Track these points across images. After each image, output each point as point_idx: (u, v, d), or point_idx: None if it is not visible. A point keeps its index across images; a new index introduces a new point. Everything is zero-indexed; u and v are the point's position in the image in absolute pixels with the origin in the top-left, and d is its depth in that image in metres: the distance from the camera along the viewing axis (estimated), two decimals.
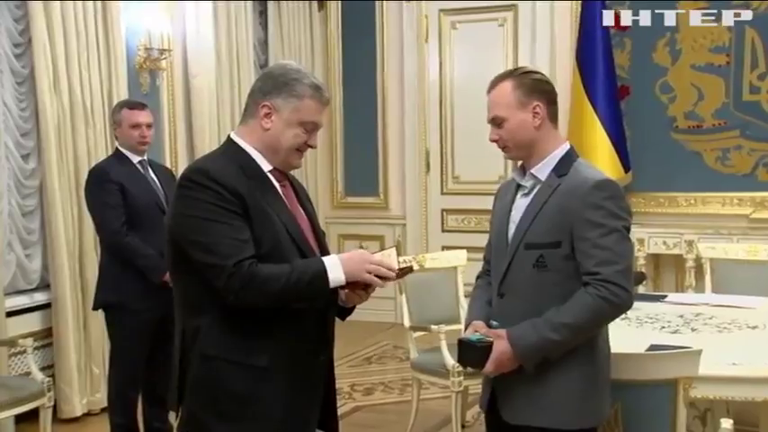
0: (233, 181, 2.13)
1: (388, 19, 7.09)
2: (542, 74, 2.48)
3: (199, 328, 2.17)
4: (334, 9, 7.28)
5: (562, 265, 2.30)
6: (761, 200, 6.04)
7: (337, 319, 2.39)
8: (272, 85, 2.23)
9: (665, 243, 5.97)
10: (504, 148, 2.45)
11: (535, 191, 2.40)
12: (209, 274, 2.10)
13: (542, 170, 2.40)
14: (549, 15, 6.55)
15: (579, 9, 6.18)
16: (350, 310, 2.37)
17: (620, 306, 2.25)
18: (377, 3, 7.10)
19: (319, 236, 2.37)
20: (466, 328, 2.52)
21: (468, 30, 6.89)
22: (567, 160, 2.39)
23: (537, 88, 2.38)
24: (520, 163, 2.49)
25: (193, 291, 2.17)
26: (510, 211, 2.46)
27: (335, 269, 2.13)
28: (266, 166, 2.25)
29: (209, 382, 2.16)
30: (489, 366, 2.33)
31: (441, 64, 6.99)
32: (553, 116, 2.41)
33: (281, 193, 2.26)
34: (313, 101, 2.25)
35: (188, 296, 2.21)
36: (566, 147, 2.42)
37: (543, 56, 6.55)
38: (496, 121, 2.42)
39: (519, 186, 2.47)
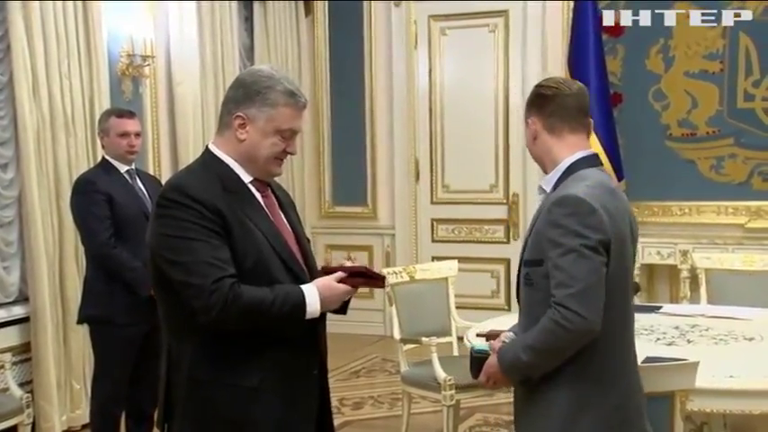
0: (212, 198, 2.08)
1: (376, 25, 7.02)
2: (547, 81, 2.38)
3: (185, 349, 2.12)
4: (322, 14, 7.20)
5: (544, 284, 2.19)
6: (756, 209, 5.99)
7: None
8: (244, 94, 2.17)
9: (659, 253, 5.91)
10: None
11: (541, 204, 2.33)
12: (188, 294, 2.05)
13: (548, 183, 2.33)
14: (540, 21, 6.50)
15: (571, 15, 6.13)
16: (348, 301, 2.33)
17: (572, 331, 2.10)
18: (365, 8, 7.03)
19: (304, 245, 2.32)
20: None
21: (458, 36, 6.82)
22: (569, 172, 2.28)
23: (532, 102, 2.34)
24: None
25: (178, 311, 2.12)
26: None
27: (314, 303, 2.14)
28: (246, 177, 2.20)
29: (199, 405, 2.12)
30: (481, 377, 2.36)
31: (430, 71, 6.92)
32: (553, 127, 2.30)
33: (262, 204, 2.22)
34: (288, 108, 2.18)
35: (174, 316, 2.16)
36: (574, 158, 2.29)
37: (534, 62, 6.50)
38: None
39: None
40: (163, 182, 4.56)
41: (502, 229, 6.82)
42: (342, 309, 2.31)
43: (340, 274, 2.22)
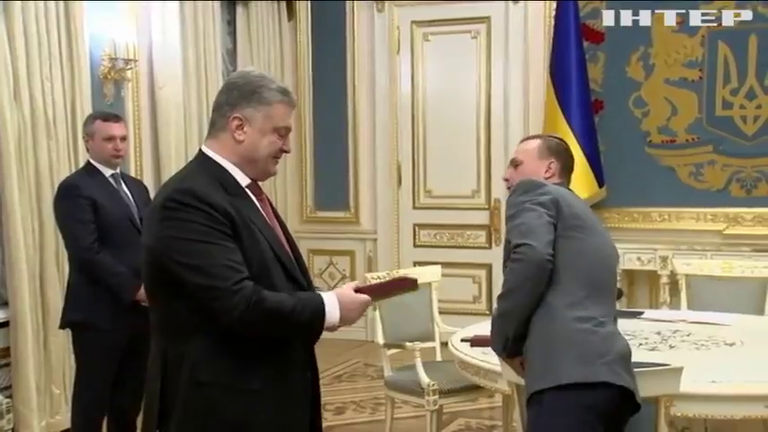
0: (221, 201, 2.08)
1: (359, 30, 7.02)
2: (566, 143, 2.93)
3: (187, 354, 2.10)
4: (304, 19, 7.19)
5: None
6: (734, 215, 6.06)
7: None
8: (239, 95, 2.18)
9: (639, 259, 5.96)
10: (509, 189, 2.79)
11: None
12: (208, 296, 2.04)
13: None
14: (522, 28, 6.54)
15: (553, 21, 6.17)
16: None
17: (525, 260, 2.45)
18: (348, 13, 7.03)
19: (296, 249, 2.33)
20: None
21: (441, 42, 6.84)
22: None
23: (557, 150, 2.82)
24: None
25: (182, 315, 2.10)
26: None
27: (333, 311, 2.15)
28: (244, 181, 2.20)
29: (202, 409, 2.11)
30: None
31: (413, 76, 6.93)
32: (562, 177, 2.79)
33: (259, 208, 2.22)
34: (282, 105, 2.22)
35: (173, 320, 2.13)
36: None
37: (517, 68, 6.53)
38: (514, 163, 2.85)
39: None
40: (148, 185, 4.54)
41: (483, 235, 6.84)
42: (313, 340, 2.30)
43: (357, 283, 2.27)
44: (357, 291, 2.24)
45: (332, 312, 2.13)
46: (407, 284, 2.35)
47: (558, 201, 2.55)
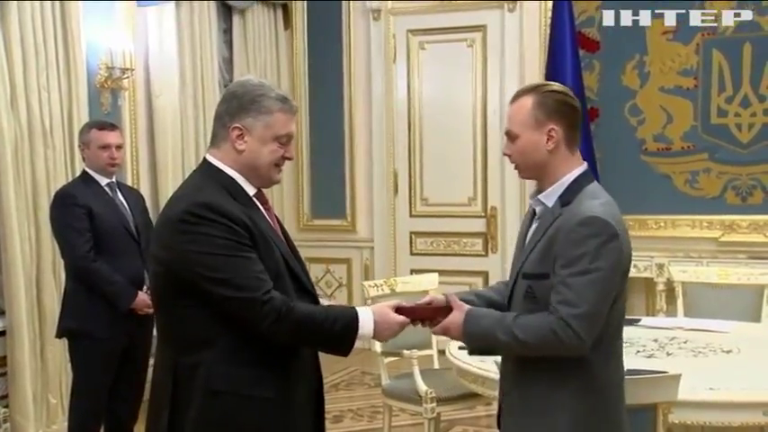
0: (238, 212, 2.09)
1: (355, 38, 7.04)
2: (569, 94, 2.31)
3: (200, 364, 2.11)
4: (301, 27, 7.21)
5: (548, 298, 2.16)
6: (729, 223, 6.07)
7: None
8: (239, 105, 2.18)
9: (635, 266, 5.89)
10: (515, 167, 2.34)
11: (541, 218, 2.30)
12: (236, 307, 2.06)
13: (550, 197, 2.27)
14: (518, 36, 6.55)
15: (548, 30, 6.20)
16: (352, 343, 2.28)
17: (565, 346, 2.10)
18: (344, 21, 7.05)
19: (299, 258, 2.33)
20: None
21: (437, 50, 6.85)
22: (575, 188, 2.24)
23: (558, 110, 2.23)
24: (536, 185, 2.36)
25: (195, 325, 2.11)
26: (525, 235, 2.38)
27: (367, 325, 2.16)
28: (251, 190, 2.21)
29: (217, 417, 2.12)
30: (437, 329, 2.27)
31: (409, 84, 6.94)
32: (571, 140, 2.26)
33: (267, 217, 2.23)
34: (282, 113, 2.21)
35: (186, 330, 2.14)
36: (576, 172, 2.27)
37: (512, 77, 6.54)
38: (510, 136, 2.30)
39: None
40: (144, 194, 4.55)
41: (480, 243, 6.84)
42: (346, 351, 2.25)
43: (397, 302, 2.25)
44: (398, 310, 2.22)
45: (366, 326, 2.15)
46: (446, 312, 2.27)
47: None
